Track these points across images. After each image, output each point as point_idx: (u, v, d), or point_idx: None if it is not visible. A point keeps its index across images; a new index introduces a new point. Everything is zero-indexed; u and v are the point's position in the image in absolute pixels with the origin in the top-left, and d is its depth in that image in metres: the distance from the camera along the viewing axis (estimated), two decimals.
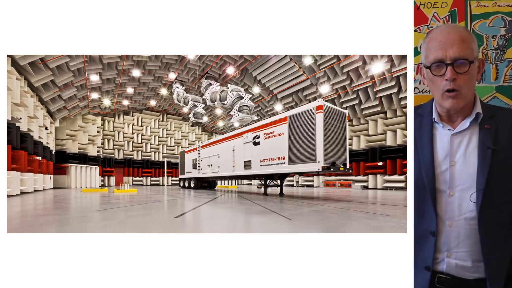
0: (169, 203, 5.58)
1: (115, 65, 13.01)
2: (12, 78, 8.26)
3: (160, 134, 23.17)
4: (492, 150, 1.18)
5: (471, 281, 1.22)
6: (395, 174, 12.86)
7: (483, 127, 1.22)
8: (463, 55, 1.13)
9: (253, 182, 23.33)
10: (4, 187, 1.71)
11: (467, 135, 1.24)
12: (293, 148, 6.80)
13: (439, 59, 1.16)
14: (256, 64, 14.06)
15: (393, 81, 11.68)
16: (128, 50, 1.67)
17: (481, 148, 1.20)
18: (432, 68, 1.19)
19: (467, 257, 1.22)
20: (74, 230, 2.59)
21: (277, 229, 2.67)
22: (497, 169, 1.17)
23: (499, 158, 1.17)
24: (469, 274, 1.22)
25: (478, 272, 1.21)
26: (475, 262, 1.21)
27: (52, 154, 14.36)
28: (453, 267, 1.23)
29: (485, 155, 1.18)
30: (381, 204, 5.42)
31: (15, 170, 8.30)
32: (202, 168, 12.35)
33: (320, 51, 1.70)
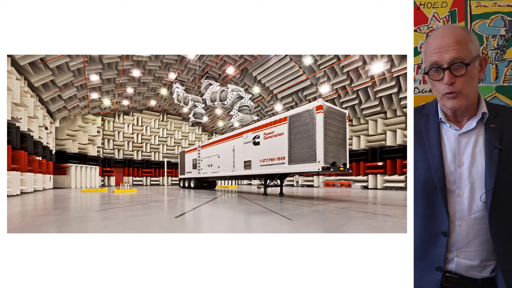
0: (169, 203, 5.58)
1: (115, 65, 13.01)
2: (12, 78, 8.26)
3: (160, 134, 23.17)
4: (499, 149, 1.18)
5: (479, 281, 1.22)
6: (395, 174, 12.86)
7: (489, 126, 1.22)
8: (459, 58, 1.12)
9: (253, 182, 23.32)
10: (4, 187, 1.71)
11: (474, 135, 1.24)
12: (293, 148, 6.80)
13: (435, 64, 1.16)
14: (256, 64, 14.06)
15: (393, 81, 11.68)
16: (128, 50, 1.67)
17: (488, 147, 1.20)
18: (430, 73, 1.19)
19: (475, 257, 1.22)
20: (74, 230, 2.59)
21: (277, 229, 2.67)
22: (504, 168, 1.17)
23: (506, 157, 1.18)
24: (476, 273, 1.23)
25: (485, 272, 1.22)
26: (483, 262, 1.22)
27: (52, 154, 14.36)
28: (462, 267, 1.24)
29: (492, 154, 1.19)
30: (381, 204, 5.42)
31: (15, 170, 8.30)
32: (202, 168, 12.35)
33: (320, 51, 1.70)
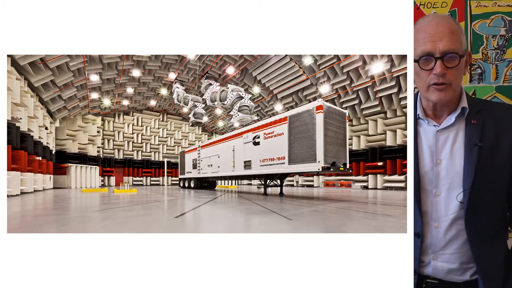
0: (169, 203, 5.58)
1: (115, 65, 13.01)
2: (12, 78, 8.26)
3: (160, 134, 23.17)
4: (479, 147, 1.11)
5: (461, 284, 1.16)
6: (395, 174, 12.86)
7: (470, 122, 1.15)
8: (453, 49, 1.05)
9: (253, 182, 23.32)
10: (4, 187, 1.71)
11: (453, 131, 1.17)
12: (293, 148, 6.80)
13: (427, 52, 1.08)
14: (256, 64, 14.06)
15: (393, 81, 11.68)
16: (128, 50, 1.67)
17: (468, 145, 1.13)
18: (420, 62, 1.10)
19: (454, 260, 1.16)
20: (74, 230, 2.59)
21: (277, 229, 2.67)
22: (484, 167, 1.10)
23: (486, 155, 1.10)
24: (457, 277, 1.16)
25: (467, 275, 1.15)
26: (463, 265, 1.15)
27: (52, 154, 14.36)
28: (440, 271, 1.18)
29: (471, 152, 1.11)
30: (381, 204, 5.42)
31: (15, 170, 8.30)
32: (202, 168, 12.35)
33: (320, 51, 1.70)
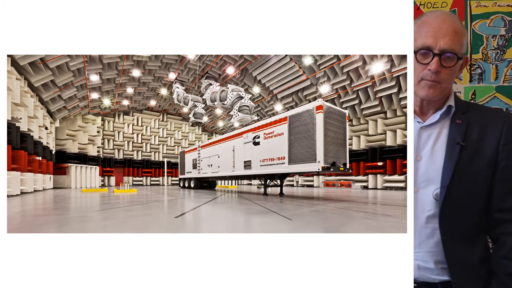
0: (169, 203, 5.58)
1: (115, 65, 13.01)
2: (12, 78, 8.26)
3: (160, 134, 23.17)
4: (461, 146, 1.10)
5: (438, 284, 1.14)
6: (395, 174, 12.86)
7: (455, 121, 1.15)
8: (453, 49, 1.05)
9: (253, 182, 23.32)
10: (4, 187, 1.71)
11: (436, 129, 1.17)
12: (293, 148, 6.80)
13: (427, 46, 1.07)
14: (256, 64, 14.06)
15: (393, 81, 11.68)
16: (128, 50, 1.67)
17: (450, 143, 1.13)
18: (418, 54, 1.09)
19: (429, 258, 1.14)
20: (74, 230, 2.59)
21: (277, 229, 2.67)
22: (464, 166, 1.09)
23: (467, 155, 1.10)
24: (433, 277, 1.14)
25: (443, 275, 1.13)
26: (438, 264, 1.13)
27: (52, 154, 14.36)
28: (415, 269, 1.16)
29: (453, 150, 1.11)
30: (381, 204, 5.42)
31: (15, 170, 8.30)
32: (202, 168, 12.35)
33: (320, 51, 1.70)
